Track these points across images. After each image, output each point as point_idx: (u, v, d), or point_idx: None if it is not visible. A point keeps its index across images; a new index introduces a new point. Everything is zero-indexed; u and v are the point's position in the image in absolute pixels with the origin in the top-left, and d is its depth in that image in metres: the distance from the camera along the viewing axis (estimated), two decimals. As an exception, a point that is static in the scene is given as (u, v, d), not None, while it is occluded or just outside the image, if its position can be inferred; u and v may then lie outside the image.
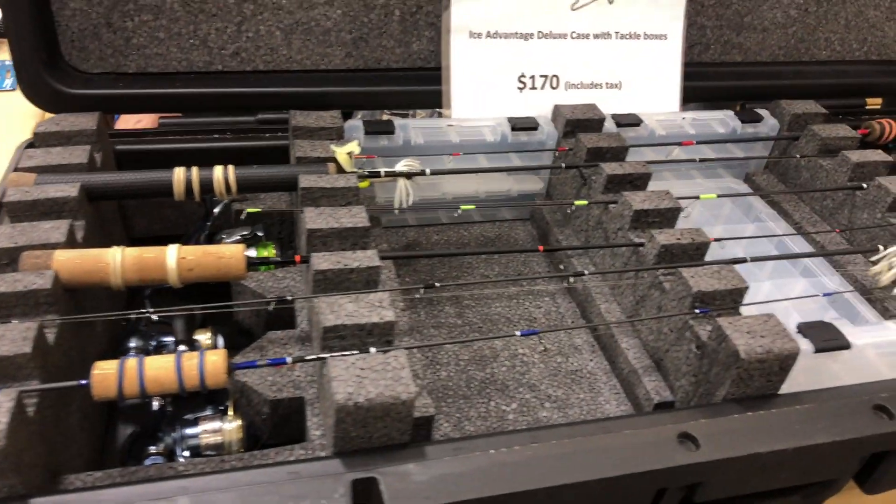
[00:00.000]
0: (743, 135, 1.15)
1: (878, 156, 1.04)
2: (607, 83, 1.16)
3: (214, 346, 0.79)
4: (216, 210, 0.95)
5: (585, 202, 0.93)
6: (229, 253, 0.72)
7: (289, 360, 0.64)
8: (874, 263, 0.89)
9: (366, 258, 0.73)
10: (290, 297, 0.74)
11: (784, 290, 0.96)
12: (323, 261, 0.72)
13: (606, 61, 1.14)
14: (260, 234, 0.90)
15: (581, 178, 0.99)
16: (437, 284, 0.74)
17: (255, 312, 0.83)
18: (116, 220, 0.96)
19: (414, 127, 1.02)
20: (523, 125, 1.05)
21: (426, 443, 0.62)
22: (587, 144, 0.99)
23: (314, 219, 0.78)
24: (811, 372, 0.75)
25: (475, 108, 1.10)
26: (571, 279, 0.85)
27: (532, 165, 1.06)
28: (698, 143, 1.09)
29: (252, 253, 0.88)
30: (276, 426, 0.72)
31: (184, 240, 0.91)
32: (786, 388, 0.72)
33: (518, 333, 0.70)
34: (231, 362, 0.62)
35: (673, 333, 0.78)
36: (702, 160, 1.07)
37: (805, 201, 1.12)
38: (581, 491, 0.60)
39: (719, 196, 0.98)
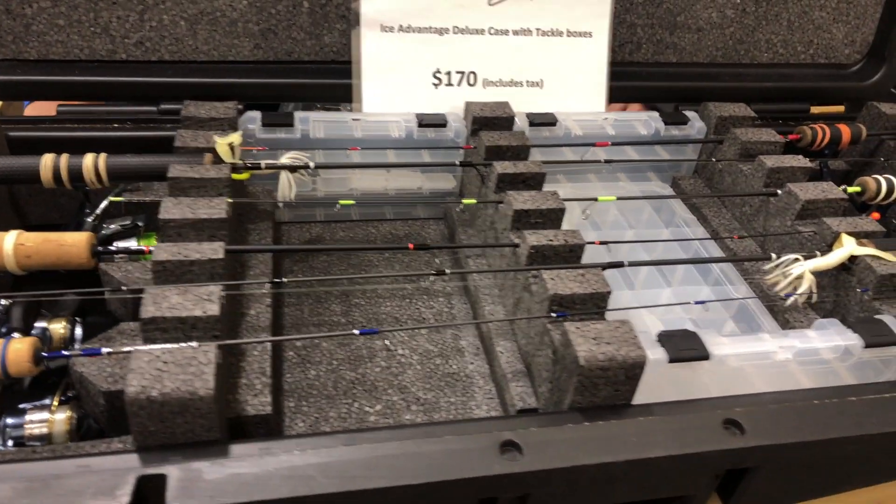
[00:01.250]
0: (665, 137, 1.12)
1: (796, 161, 1.00)
2: (528, 81, 1.13)
3: (71, 336, 0.77)
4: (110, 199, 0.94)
5: (474, 201, 0.90)
6: (71, 241, 0.71)
7: (104, 350, 0.62)
8: (769, 272, 0.85)
9: (209, 250, 0.71)
10: (124, 288, 0.72)
11: (683, 298, 0.92)
12: (163, 252, 0.70)
13: (527, 59, 1.11)
14: (140, 224, 0.89)
15: (479, 176, 0.96)
16: (285, 280, 0.71)
17: (123, 303, 0.82)
18: (6, 207, 0.96)
19: (315, 120, 1.00)
20: (431, 122, 1.03)
21: (234, 441, 0.60)
22: (486, 142, 0.96)
23: (169, 209, 0.76)
24: (678, 383, 0.72)
25: (387, 103, 1.08)
26: (431, 278, 0.82)
27: (427, 162, 1.03)
28: (614, 144, 1.06)
29: (133, 243, 0.87)
30: (113, 418, 0.70)
31: (62, 229, 0.90)
32: (651, 399, 0.69)
33: (356, 332, 0.68)
34: (39, 351, 0.60)
35: (536, 338, 0.75)
36: (606, 161, 1.03)
37: (727, 207, 1.08)
38: (389, 498, 0.57)
39: (619, 198, 0.95)
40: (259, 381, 0.71)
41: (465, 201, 0.89)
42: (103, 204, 0.91)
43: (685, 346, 0.69)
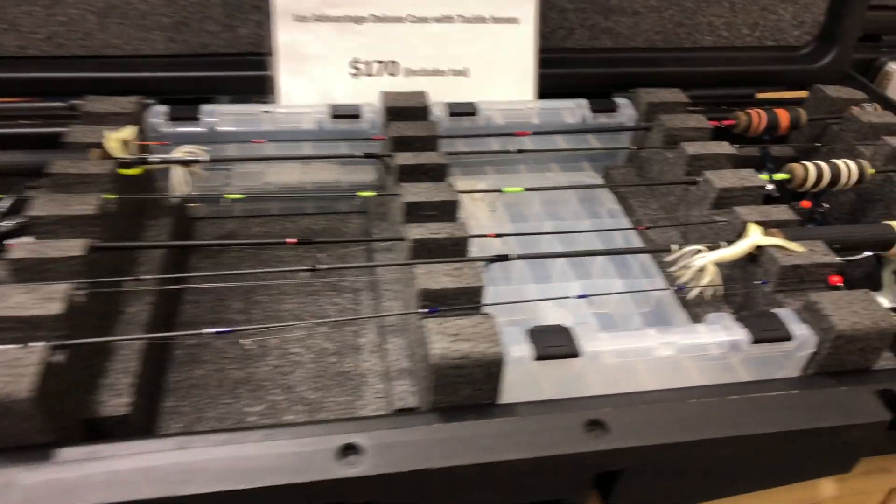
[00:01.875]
0: (592, 125, 1.08)
1: (719, 147, 0.96)
2: (452, 70, 1.10)
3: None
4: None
5: (370, 193, 0.87)
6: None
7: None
8: (671, 264, 0.81)
9: (68, 248, 0.69)
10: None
11: (595, 290, 0.89)
12: (21, 249, 0.69)
13: (450, 47, 1.08)
14: (35, 221, 0.88)
15: (385, 168, 0.94)
16: (146, 277, 0.70)
17: None
18: None
19: (223, 113, 0.99)
20: (344, 113, 1.00)
21: (65, 444, 0.58)
22: (392, 133, 0.93)
23: (40, 205, 0.75)
24: (557, 382, 0.69)
25: (305, 95, 1.06)
26: (302, 275, 0.79)
27: (332, 154, 1.00)
28: (536, 133, 1.02)
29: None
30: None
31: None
32: (525, 398, 0.66)
33: (204, 331, 0.66)
34: None
35: (414, 335, 0.72)
36: (519, 151, 0.99)
37: (655, 196, 1.04)
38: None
39: (527, 189, 0.92)
40: (122, 382, 0.69)
41: (360, 194, 0.87)
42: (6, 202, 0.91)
43: (555, 343, 0.66)
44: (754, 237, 0.79)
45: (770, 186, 0.96)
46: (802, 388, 0.69)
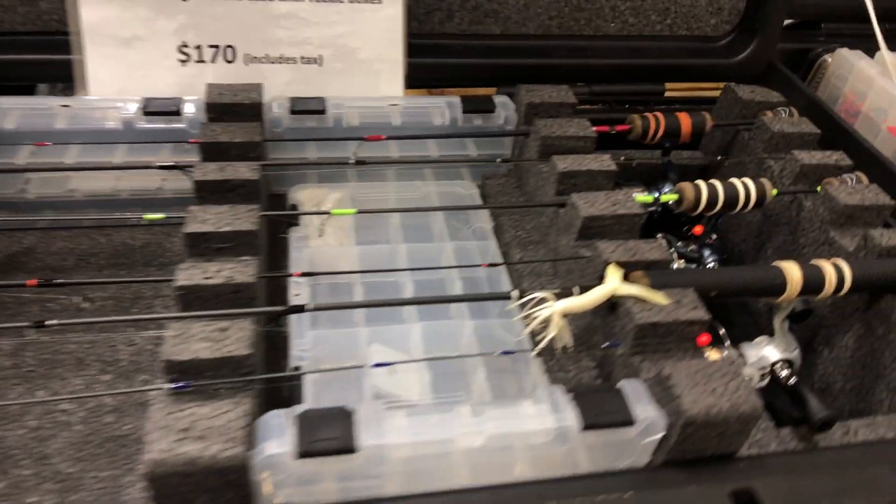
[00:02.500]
0: (463, 128, 0.93)
1: (596, 163, 0.81)
2: (303, 58, 0.93)
3: None
4: None
5: (161, 216, 0.72)
6: None
7: None
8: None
9: None
10: None
11: (438, 332, 0.75)
12: None
13: (300, 29, 0.91)
14: None
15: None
16: None
17: None
18: None
19: (7, 108, 0.82)
20: (158, 108, 0.84)
21: None
22: (205, 138, 0.77)
23: None
24: (344, 480, 0.55)
25: (121, 84, 0.89)
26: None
27: (120, 165, 0.84)
28: (391, 137, 0.87)
29: None
30: None
31: None
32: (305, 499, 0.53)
33: None
34: None
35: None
36: (358, 162, 0.83)
37: (532, 214, 0.89)
38: None
39: (360, 212, 0.76)
40: None
41: (147, 217, 0.71)
42: None
43: (327, 435, 0.52)
44: (611, 284, 0.65)
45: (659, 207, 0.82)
46: (641, 486, 0.56)
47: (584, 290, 0.66)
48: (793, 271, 0.70)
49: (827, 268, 0.71)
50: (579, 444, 0.57)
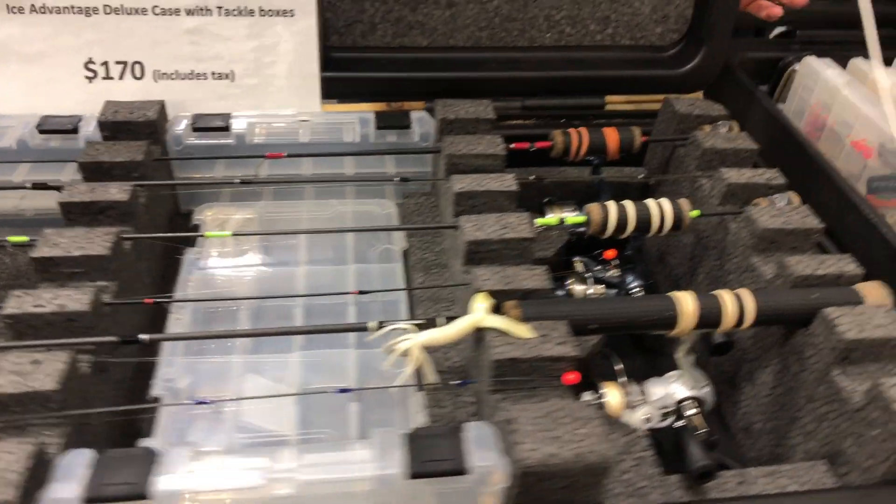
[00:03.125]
0: (375, 145, 0.89)
1: (497, 183, 0.76)
2: (214, 73, 0.91)
3: None
4: None
5: (24, 238, 0.69)
6: None
7: None
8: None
9: None
10: None
11: (318, 363, 0.71)
12: None
13: (209, 45, 0.89)
14: None
15: (74, 202, 0.75)
16: None
17: None
18: None
19: None
20: (54, 127, 0.82)
21: None
22: (83, 158, 0.75)
23: None
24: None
25: (28, 101, 0.88)
26: None
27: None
28: (291, 155, 0.84)
29: None
30: None
31: None
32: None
33: None
34: None
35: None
36: (243, 182, 0.78)
37: (443, 237, 0.85)
38: None
39: (235, 234, 0.73)
40: None
41: (11, 239, 0.69)
42: None
43: (121, 479, 0.48)
44: (475, 316, 0.61)
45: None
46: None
47: (451, 321, 0.61)
48: (686, 303, 0.64)
49: (726, 299, 0.64)
50: (407, 494, 0.52)
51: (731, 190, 0.80)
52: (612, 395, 0.69)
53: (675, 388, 0.71)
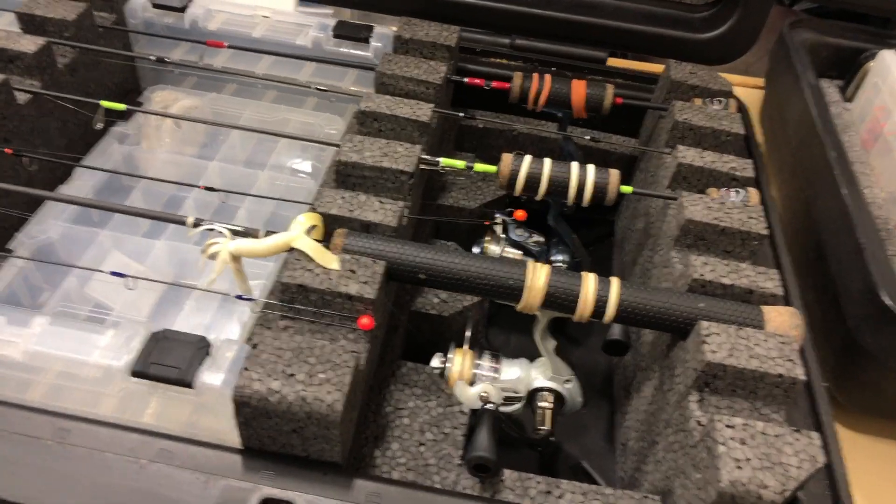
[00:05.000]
0: (326, 54, 0.83)
1: (408, 110, 0.69)
2: (192, -46, 0.88)
3: None
4: None
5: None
6: None
7: None
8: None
9: None
10: None
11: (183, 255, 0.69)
12: None
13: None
14: None
15: None
16: None
17: None
18: None
19: None
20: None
21: None
22: (22, 8, 0.75)
23: None
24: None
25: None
26: None
27: None
28: (233, 47, 0.80)
29: None
30: None
31: None
32: None
33: None
34: None
35: None
36: (165, 61, 0.76)
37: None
38: None
39: (130, 108, 0.70)
40: None
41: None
42: None
43: None
44: (291, 234, 0.55)
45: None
46: (166, 461, 0.46)
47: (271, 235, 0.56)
48: (537, 276, 0.55)
49: (589, 284, 0.54)
50: (136, 392, 0.49)
51: (682, 171, 0.68)
52: (456, 362, 0.62)
53: (534, 375, 0.62)
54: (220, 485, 0.45)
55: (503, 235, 0.75)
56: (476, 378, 0.61)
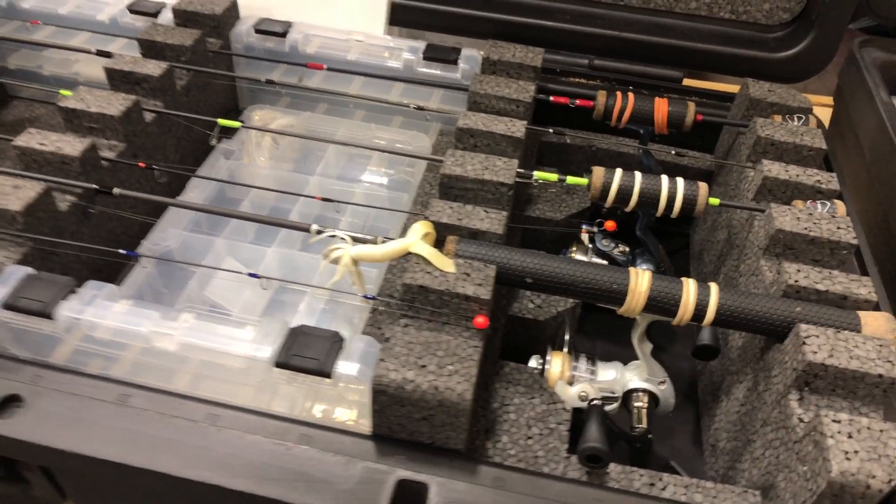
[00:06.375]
0: (418, 75, 0.88)
1: (503, 127, 0.73)
2: (289, -15, 0.95)
3: None
4: None
5: (69, 93, 0.77)
6: None
7: None
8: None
9: None
10: None
11: (292, 262, 0.74)
12: None
13: (291, -44, 0.93)
14: None
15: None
16: None
17: None
18: None
19: (27, -10, 0.93)
20: (140, 9, 0.91)
21: None
22: (142, 35, 0.82)
23: None
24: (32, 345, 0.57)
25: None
26: None
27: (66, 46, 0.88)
28: (332, 69, 0.86)
29: None
30: None
31: None
32: None
33: None
34: None
35: None
36: (273, 84, 0.82)
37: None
38: None
39: (246, 127, 0.76)
40: None
41: (62, 92, 0.78)
42: None
43: (35, 297, 0.54)
44: (408, 240, 0.59)
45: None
46: (317, 443, 0.50)
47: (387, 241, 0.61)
48: (640, 282, 0.58)
49: (689, 288, 0.58)
50: (277, 381, 0.53)
51: (767, 185, 0.71)
52: (555, 363, 0.65)
53: (629, 377, 0.66)
54: (359, 466, 0.49)
55: (590, 245, 0.79)
56: (574, 379, 0.65)
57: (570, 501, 0.49)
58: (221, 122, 0.77)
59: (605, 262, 0.79)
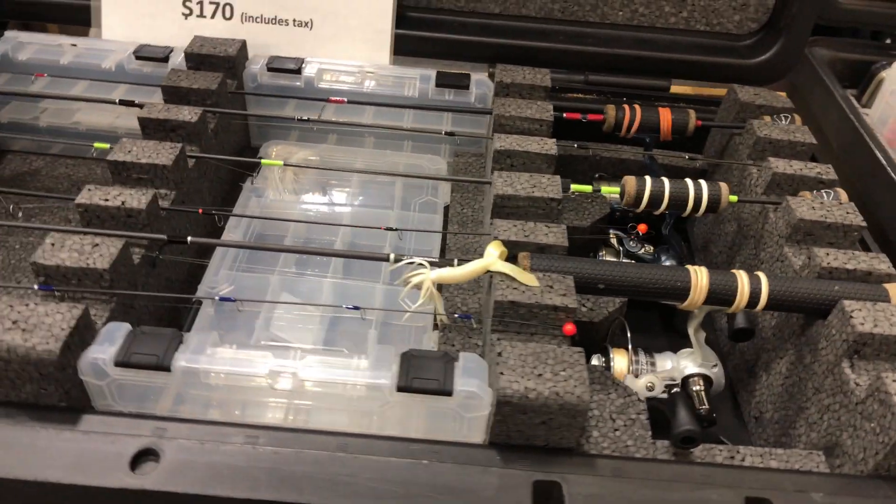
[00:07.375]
0: (432, 101, 0.92)
1: (537, 145, 0.79)
2: (295, 21, 0.97)
3: None
4: None
5: (108, 146, 0.77)
6: None
7: None
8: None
9: None
10: None
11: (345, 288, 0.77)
12: None
13: (294, -6, 0.96)
14: None
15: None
16: None
17: None
18: None
19: (25, 42, 0.92)
20: (149, 55, 0.91)
21: None
22: (166, 82, 0.83)
23: None
24: (133, 398, 0.58)
25: (130, 30, 0.97)
26: None
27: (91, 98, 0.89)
28: (353, 102, 0.89)
29: None
30: None
31: None
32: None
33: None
34: None
35: None
36: (302, 119, 0.85)
37: (484, 194, 0.88)
38: None
39: (287, 165, 0.79)
40: None
41: (96, 145, 0.78)
42: None
43: (148, 351, 0.55)
44: (486, 260, 0.64)
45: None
46: (444, 458, 0.54)
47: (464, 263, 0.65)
48: (700, 277, 0.65)
49: (742, 279, 0.65)
50: (398, 405, 0.56)
51: (776, 180, 0.79)
52: (619, 360, 0.71)
53: (685, 364, 0.72)
54: (495, 474, 0.53)
55: (620, 248, 0.85)
56: (638, 371, 0.71)
57: (684, 480, 0.55)
58: (265, 162, 0.78)
59: (632, 262, 0.85)
